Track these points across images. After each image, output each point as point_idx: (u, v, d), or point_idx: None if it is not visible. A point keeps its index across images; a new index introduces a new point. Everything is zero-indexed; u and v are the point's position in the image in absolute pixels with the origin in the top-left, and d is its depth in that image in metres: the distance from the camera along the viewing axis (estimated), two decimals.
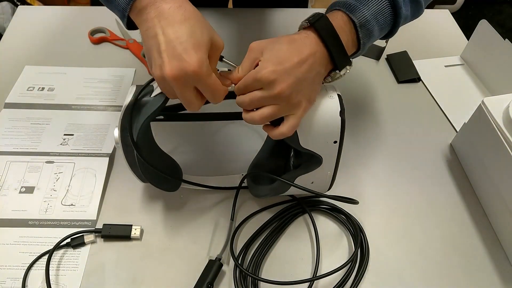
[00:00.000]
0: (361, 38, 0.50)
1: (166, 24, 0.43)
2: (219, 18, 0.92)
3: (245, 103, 0.47)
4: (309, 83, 0.47)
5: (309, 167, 0.54)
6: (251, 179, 0.63)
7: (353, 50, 0.51)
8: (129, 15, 0.48)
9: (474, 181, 0.67)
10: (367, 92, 0.80)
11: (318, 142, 0.51)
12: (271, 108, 0.46)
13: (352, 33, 0.49)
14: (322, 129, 0.50)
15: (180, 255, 0.58)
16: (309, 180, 0.56)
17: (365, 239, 0.60)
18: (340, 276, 0.56)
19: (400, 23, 0.53)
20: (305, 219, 0.63)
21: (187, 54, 0.42)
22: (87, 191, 0.63)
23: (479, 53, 0.83)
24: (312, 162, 0.53)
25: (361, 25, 0.49)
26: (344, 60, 0.49)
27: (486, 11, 2.11)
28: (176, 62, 0.42)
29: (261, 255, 0.58)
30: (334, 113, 0.50)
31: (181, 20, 0.43)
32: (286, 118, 0.47)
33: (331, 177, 0.57)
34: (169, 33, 0.43)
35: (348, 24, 0.49)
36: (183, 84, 0.43)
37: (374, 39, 0.52)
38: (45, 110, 0.74)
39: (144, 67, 0.82)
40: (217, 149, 0.70)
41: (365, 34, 0.50)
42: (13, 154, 0.67)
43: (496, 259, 0.60)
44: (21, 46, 0.85)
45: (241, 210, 0.63)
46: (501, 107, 0.61)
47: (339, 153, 0.53)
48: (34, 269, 0.56)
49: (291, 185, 0.54)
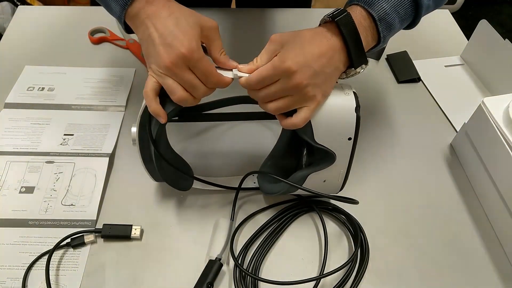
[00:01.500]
0: (381, 32, 0.50)
1: (155, 21, 0.47)
2: (222, 18, 0.92)
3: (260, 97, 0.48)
4: (326, 77, 0.48)
5: (322, 164, 0.54)
6: (262, 177, 0.63)
7: (373, 44, 0.52)
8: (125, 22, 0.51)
9: (474, 181, 0.67)
10: (367, 92, 0.80)
11: (333, 138, 0.51)
12: (286, 100, 0.47)
13: (372, 27, 0.50)
14: (337, 125, 0.51)
15: (180, 255, 0.58)
16: (322, 179, 0.55)
17: (365, 239, 0.60)
18: (340, 276, 0.56)
19: (422, 13, 0.53)
20: (305, 219, 0.63)
21: (177, 40, 0.45)
22: (87, 191, 0.63)
23: (479, 53, 0.83)
24: (326, 159, 0.53)
25: (380, 19, 0.49)
26: (361, 58, 0.50)
27: (486, 11, 2.11)
28: (169, 49, 0.45)
29: (261, 255, 0.58)
30: (350, 110, 0.50)
31: (167, 15, 0.47)
32: (299, 109, 0.48)
33: (344, 177, 0.56)
34: (159, 27, 0.47)
35: (367, 19, 0.49)
36: (180, 69, 0.46)
37: (395, 31, 0.53)
38: (45, 110, 0.74)
39: (144, 67, 0.82)
40: (226, 150, 0.70)
41: (385, 27, 0.50)
42: (13, 154, 0.67)
43: (496, 259, 0.60)
44: (21, 46, 0.85)
45: (241, 210, 0.63)
46: (501, 107, 0.61)
47: (353, 151, 0.53)
48: (34, 269, 0.56)
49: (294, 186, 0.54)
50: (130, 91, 0.77)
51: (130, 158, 0.68)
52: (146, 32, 0.48)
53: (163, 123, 0.49)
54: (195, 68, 0.47)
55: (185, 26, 0.46)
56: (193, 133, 0.72)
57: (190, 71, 0.47)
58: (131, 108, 0.75)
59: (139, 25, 0.49)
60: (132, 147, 0.58)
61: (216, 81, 0.48)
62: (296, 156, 0.62)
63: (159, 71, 0.47)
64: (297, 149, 0.62)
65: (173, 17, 0.47)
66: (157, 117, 0.49)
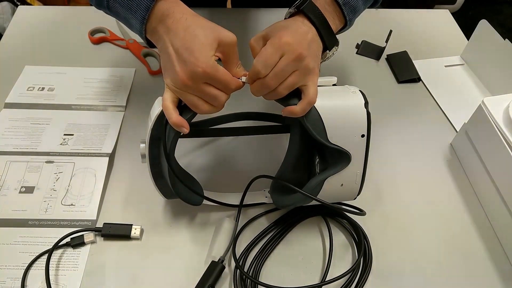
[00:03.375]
0: (347, 15, 0.54)
1: (172, 37, 0.48)
2: (218, 18, 0.91)
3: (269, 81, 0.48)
4: (315, 51, 0.51)
5: (338, 166, 0.53)
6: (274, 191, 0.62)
7: (340, 26, 0.56)
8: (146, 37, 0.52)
9: (474, 181, 0.67)
10: (367, 92, 0.80)
11: (346, 137, 0.51)
12: (293, 77, 0.49)
13: (337, 11, 0.54)
14: (349, 122, 0.51)
15: (180, 255, 0.58)
16: (339, 183, 0.54)
17: (369, 247, 0.59)
18: (341, 283, 0.56)
19: None
20: (309, 223, 0.62)
21: (192, 56, 0.46)
22: (87, 191, 0.63)
23: (479, 53, 0.83)
24: (341, 161, 0.53)
25: (344, 3, 0.54)
26: (332, 40, 0.53)
27: (486, 11, 2.11)
28: (185, 67, 0.46)
29: (262, 259, 0.58)
30: (359, 106, 0.51)
31: (184, 29, 0.47)
32: (305, 88, 0.50)
33: (361, 178, 0.55)
34: (175, 43, 0.47)
35: (331, 4, 0.53)
36: (197, 84, 0.47)
37: (360, 12, 0.57)
38: (45, 110, 0.74)
39: (144, 67, 0.82)
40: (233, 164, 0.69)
41: (350, 10, 0.55)
42: (13, 154, 0.67)
43: (496, 259, 0.60)
44: (21, 46, 0.85)
45: (244, 212, 0.63)
46: (501, 107, 0.61)
47: (367, 149, 0.53)
48: (34, 269, 0.56)
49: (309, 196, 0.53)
50: (130, 91, 0.77)
51: (130, 158, 0.68)
52: (163, 47, 0.49)
53: (185, 133, 0.49)
54: (212, 81, 0.47)
55: (202, 41, 0.46)
56: (196, 147, 0.71)
57: (208, 84, 0.47)
58: (131, 108, 0.75)
59: (158, 40, 0.50)
60: (132, 147, 0.58)
61: (236, 87, 0.49)
62: (307, 167, 0.61)
63: (176, 88, 0.48)
64: (308, 159, 0.61)
65: (190, 31, 0.47)
66: (179, 128, 0.49)
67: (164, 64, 0.49)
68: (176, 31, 0.47)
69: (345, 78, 0.55)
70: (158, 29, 0.49)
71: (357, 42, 0.84)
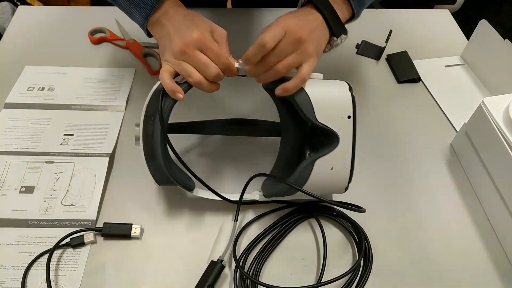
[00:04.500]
0: (354, 8, 0.59)
1: (172, 20, 0.55)
2: (218, 18, 0.91)
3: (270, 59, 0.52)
4: (318, 39, 0.55)
5: (327, 147, 0.55)
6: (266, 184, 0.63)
7: (348, 17, 0.60)
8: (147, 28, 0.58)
9: (474, 181, 0.67)
10: (367, 92, 0.80)
11: (333, 117, 0.55)
12: (291, 57, 0.53)
13: (345, 3, 0.59)
14: (336, 103, 0.55)
15: (180, 255, 0.58)
16: (329, 166, 0.56)
17: (369, 247, 0.59)
18: (342, 284, 0.56)
19: None
20: (309, 224, 0.62)
21: (189, 29, 0.52)
22: (87, 191, 0.63)
23: (479, 53, 0.83)
24: (330, 142, 0.55)
25: None
26: (340, 28, 0.58)
27: (486, 11, 2.11)
28: (182, 37, 0.52)
29: (262, 259, 0.58)
30: (345, 90, 0.56)
31: (184, 15, 0.55)
32: (300, 67, 0.54)
33: (350, 163, 0.56)
34: (175, 24, 0.54)
35: None
36: (192, 50, 0.51)
37: (366, 5, 0.62)
38: (45, 110, 0.74)
39: (144, 67, 0.82)
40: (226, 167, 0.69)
41: (358, 3, 0.59)
42: (13, 154, 0.67)
43: (496, 259, 0.60)
44: (21, 46, 0.85)
45: (244, 213, 0.63)
46: (501, 107, 0.61)
47: (354, 131, 0.55)
48: (34, 269, 0.56)
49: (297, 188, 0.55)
50: (130, 91, 0.77)
51: (130, 158, 0.68)
52: (163, 30, 0.55)
53: (180, 99, 0.52)
54: (206, 50, 0.52)
55: (198, 23, 0.53)
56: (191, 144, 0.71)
57: (202, 53, 0.52)
58: (131, 108, 0.75)
59: (160, 28, 0.56)
60: (132, 147, 0.58)
61: (226, 62, 0.53)
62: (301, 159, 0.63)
63: (172, 58, 0.52)
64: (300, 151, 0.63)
65: (189, 17, 0.55)
66: (174, 94, 0.52)
67: (163, 45, 0.55)
68: (177, 16, 0.55)
69: (345, 78, 0.55)
70: (161, 20, 0.56)
71: (357, 42, 0.84)
